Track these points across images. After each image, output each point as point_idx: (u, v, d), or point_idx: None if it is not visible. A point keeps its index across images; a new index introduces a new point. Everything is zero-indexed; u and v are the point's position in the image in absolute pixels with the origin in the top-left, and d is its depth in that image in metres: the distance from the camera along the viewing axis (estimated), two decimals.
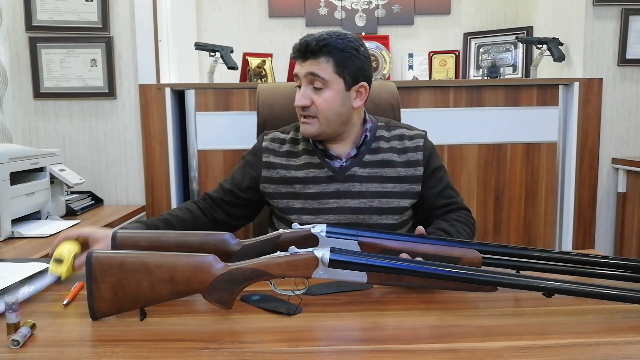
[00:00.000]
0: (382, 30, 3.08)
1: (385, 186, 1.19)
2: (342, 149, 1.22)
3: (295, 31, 3.05)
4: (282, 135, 1.29)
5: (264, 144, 1.27)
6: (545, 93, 2.20)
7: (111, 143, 2.20)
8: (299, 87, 1.18)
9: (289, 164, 1.23)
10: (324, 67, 1.13)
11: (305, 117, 1.18)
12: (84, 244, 0.96)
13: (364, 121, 1.24)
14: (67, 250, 0.92)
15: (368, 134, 1.23)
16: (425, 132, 1.28)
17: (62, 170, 1.78)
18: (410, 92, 2.17)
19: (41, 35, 2.12)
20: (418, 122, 1.37)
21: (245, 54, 2.55)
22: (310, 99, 1.15)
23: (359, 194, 1.19)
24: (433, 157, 1.25)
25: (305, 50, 1.13)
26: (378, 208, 1.19)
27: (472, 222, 1.22)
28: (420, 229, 1.07)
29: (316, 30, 1.18)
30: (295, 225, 0.88)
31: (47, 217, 1.73)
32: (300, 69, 1.15)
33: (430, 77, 2.83)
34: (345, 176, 1.20)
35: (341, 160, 1.21)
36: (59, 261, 0.91)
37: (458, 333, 0.69)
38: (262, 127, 1.45)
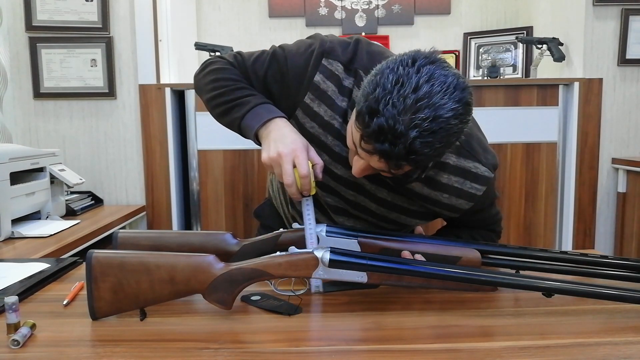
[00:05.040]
0: (382, 30, 3.08)
1: (412, 203, 0.98)
2: None
3: (295, 31, 3.05)
4: (342, 74, 0.93)
5: (317, 77, 0.93)
6: (545, 93, 2.19)
7: (111, 143, 2.20)
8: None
9: (329, 122, 0.94)
10: (400, 170, 0.79)
11: None
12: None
13: None
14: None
15: None
16: (494, 175, 0.97)
17: (62, 170, 1.79)
18: None
19: (41, 35, 2.12)
20: None
21: None
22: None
23: (381, 200, 0.98)
24: (481, 203, 0.98)
25: (383, 156, 0.75)
26: (393, 221, 1.01)
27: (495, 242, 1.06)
28: (419, 228, 1.07)
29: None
30: (295, 225, 0.88)
31: (47, 217, 1.73)
32: (367, 157, 0.78)
33: None
34: (378, 178, 0.92)
35: None
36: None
37: (458, 333, 0.69)
38: None
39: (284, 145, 0.83)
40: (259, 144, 0.91)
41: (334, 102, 0.93)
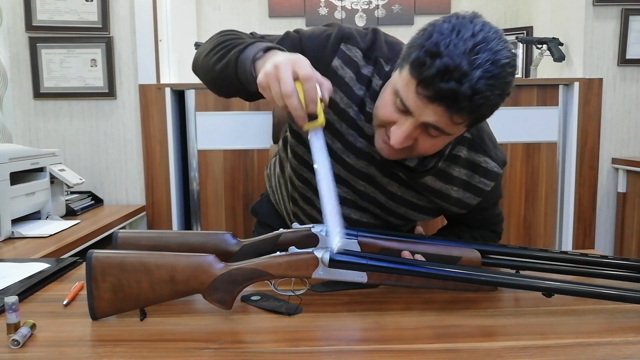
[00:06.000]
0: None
1: (421, 199, 0.98)
2: None
3: None
4: (361, 61, 0.90)
5: (335, 62, 0.89)
6: (545, 93, 2.19)
7: (111, 143, 2.20)
8: (398, 109, 0.78)
9: (344, 110, 0.91)
10: (456, 124, 0.77)
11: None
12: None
13: None
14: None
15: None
16: (503, 171, 0.98)
17: (62, 170, 1.79)
18: None
19: (41, 35, 2.12)
20: None
21: None
22: (415, 139, 0.80)
23: (391, 194, 0.97)
24: (487, 200, 0.99)
25: (448, 98, 0.72)
26: (400, 215, 1.00)
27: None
28: (418, 229, 1.07)
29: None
30: (295, 225, 0.88)
31: (47, 217, 1.73)
32: (422, 110, 0.75)
33: None
34: (391, 171, 0.94)
35: None
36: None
37: (458, 333, 0.69)
38: (278, 128, 1.38)
39: (283, 57, 0.74)
40: (256, 88, 0.78)
41: (351, 89, 0.90)
